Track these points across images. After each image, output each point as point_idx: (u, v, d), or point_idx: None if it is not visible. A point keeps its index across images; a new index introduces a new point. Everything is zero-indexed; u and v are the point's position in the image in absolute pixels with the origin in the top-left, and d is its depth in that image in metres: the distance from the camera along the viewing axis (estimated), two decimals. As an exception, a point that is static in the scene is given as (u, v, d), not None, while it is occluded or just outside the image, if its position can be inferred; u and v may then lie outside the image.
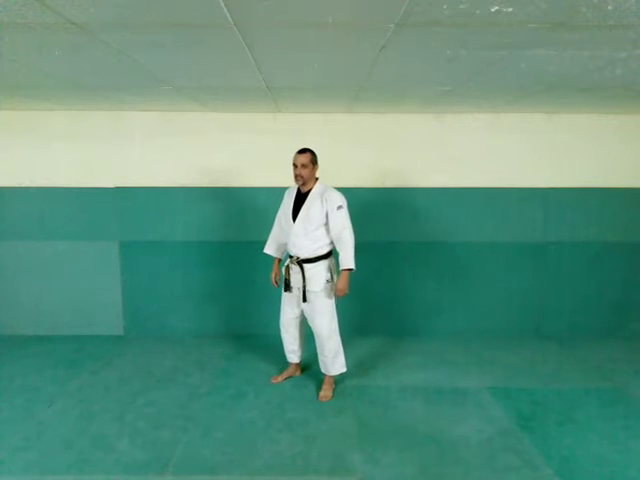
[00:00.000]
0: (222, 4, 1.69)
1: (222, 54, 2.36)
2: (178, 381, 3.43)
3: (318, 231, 3.09)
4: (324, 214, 3.07)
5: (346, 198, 3.15)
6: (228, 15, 1.80)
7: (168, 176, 4.22)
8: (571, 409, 3.05)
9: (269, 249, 3.39)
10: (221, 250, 4.30)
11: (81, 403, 3.09)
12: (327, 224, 3.09)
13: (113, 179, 4.21)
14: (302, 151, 3.09)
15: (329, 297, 3.15)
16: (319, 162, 3.18)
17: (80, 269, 4.31)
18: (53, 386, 3.33)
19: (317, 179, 3.17)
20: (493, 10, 1.72)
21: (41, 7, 1.70)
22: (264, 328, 4.27)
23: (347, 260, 3.05)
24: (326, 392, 3.20)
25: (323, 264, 3.12)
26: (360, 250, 4.20)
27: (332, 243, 3.16)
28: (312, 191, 3.12)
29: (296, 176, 3.09)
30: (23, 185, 4.20)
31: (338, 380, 3.38)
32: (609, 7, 1.67)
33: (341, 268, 3.08)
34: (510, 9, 1.70)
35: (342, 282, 3.07)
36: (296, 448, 2.61)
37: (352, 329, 4.30)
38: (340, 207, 3.06)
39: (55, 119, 4.13)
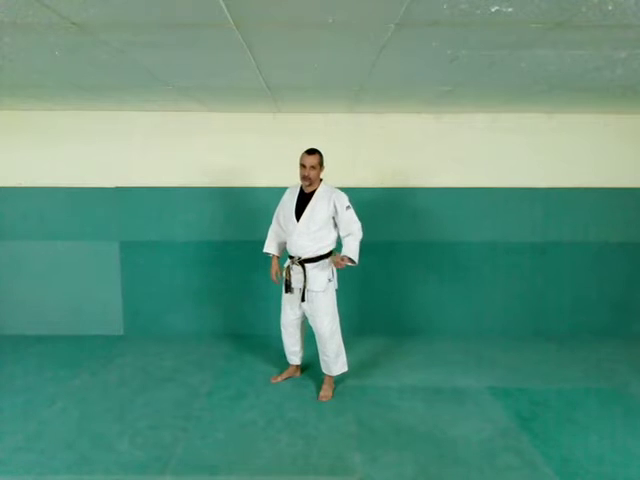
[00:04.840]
0: (222, 4, 1.69)
1: (222, 54, 2.36)
2: (178, 381, 3.43)
3: (321, 231, 3.08)
4: (329, 215, 3.07)
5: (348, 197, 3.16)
6: (228, 15, 1.80)
7: (168, 176, 4.22)
8: (571, 409, 3.05)
9: (270, 248, 3.35)
10: (221, 250, 4.30)
11: (81, 403, 3.09)
12: (334, 225, 3.11)
13: (113, 179, 4.21)
14: (311, 152, 3.05)
15: (331, 297, 3.15)
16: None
17: (80, 269, 4.31)
18: (53, 386, 3.33)
19: (321, 180, 3.17)
20: (493, 10, 1.72)
21: (41, 7, 1.70)
22: (264, 328, 4.27)
23: (351, 250, 3.01)
24: (326, 392, 3.20)
25: (325, 263, 3.12)
26: (360, 250, 4.22)
27: (334, 243, 3.16)
28: (317, 192, 3.11)
29: (304, 177, 3.04)
30: (23, 185, 4.20)
31: (338, 380, 3.37)
32: (609, 7, 1.67)
33: (344, 253, 3.02)
34: (510, 9, 1.70)
35: (340, 259, 3.01)
36: (296, 448, 2.61)
37: (352, 329, 4.30)
38: (348, 207, 3.08)
39: (55, 119, 4.13)
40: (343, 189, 3.18)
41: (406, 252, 4.33)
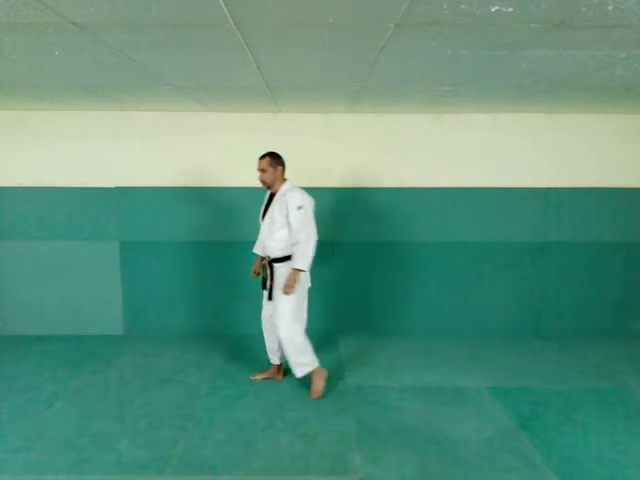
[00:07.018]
0: (222, 4, 1.69)
1: (222, 54, 2.36)
2: (178, 381, 3.43)
3: (281, 232, 3.11)
4: (284, 215, 3.07)
5: (314, 199, 3.13)
6: (228, 15, 1.80)
7: (168, 176, 4.22)
8: (571, 409, 3.05)
9: (257, 249, 3.45)
10: (221, 250, 4.30)
11: (81, 403, 3.09)
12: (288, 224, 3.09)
13: (113, 179, 4.21)
14: (261, 157, 3.15)
15: (294, 299, 3.11)
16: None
17: (80, 269, 4.31)
18: (53, 386, 3.33)
19: (285, 180, 3.19)
20: (493, 10, 1.72)
21: (41, 7, 1.70)
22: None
23: (297, 260, 3.04)
24: (316, 387, 3.16)
25: (290, 265, 3.11)
26: (360, 250, 4.24)
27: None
28: (278, 192, 3.16)
29: (260, 181, 3.16)
30: (23, 185, 4.20)
31: (338, 380, 3.37)
32: (609, 7, 1.67)
33: (292, 267, 3.06)
34: (510, 9, 1.71)
35: (290, 279, 3.05)
36: (296, 448, 2.60)
37: (352, 329, 4.31)
38: (300, 207, 3.04)
39: (55, 119, 4.13)
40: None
41: (406, 252, 4.32)
